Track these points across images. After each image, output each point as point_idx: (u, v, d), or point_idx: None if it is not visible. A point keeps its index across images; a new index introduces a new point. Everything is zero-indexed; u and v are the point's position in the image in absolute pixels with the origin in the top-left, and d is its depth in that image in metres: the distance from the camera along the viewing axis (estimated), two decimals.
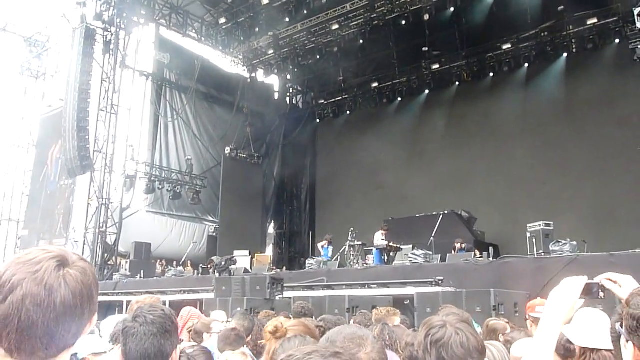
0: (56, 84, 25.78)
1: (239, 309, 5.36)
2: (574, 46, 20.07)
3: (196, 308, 8.76)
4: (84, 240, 20.74)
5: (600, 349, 2.56)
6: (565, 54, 20.32)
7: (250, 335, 5.00)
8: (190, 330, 4.92)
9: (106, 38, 21.27)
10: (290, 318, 5.16)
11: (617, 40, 18.91)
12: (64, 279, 1.27)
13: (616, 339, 1.71)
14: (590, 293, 1.89)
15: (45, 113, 26.50)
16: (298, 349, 1.27)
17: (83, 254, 20.92)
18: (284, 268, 21.52)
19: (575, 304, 1.88)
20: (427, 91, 23.90)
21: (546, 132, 19.97)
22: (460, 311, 4.46)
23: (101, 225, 20.33)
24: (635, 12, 12.11)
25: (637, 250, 9.63)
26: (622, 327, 1.66)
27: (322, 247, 18.18)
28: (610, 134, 18.47)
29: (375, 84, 25.25)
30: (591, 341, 2.63)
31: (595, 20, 19.10)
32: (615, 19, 18.69)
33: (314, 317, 5.58)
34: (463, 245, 15.71)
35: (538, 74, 20.82)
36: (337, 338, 1.84)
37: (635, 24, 12.86)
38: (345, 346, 1.78)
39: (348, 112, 26.73)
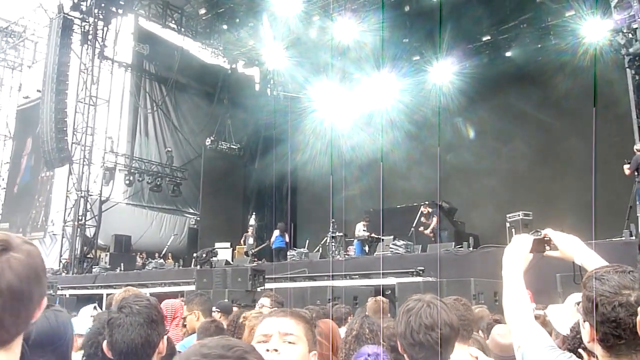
0: (33, 75, 25.42)
1: (197, 297, 5.34)
2: (552, 38, 20.23)
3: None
4: (63, 233, 20.55)
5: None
6: (543, 45, 20.44)
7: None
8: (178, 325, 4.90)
9: (84, 29, 20.98)
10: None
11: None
12: (8, 263, 1.21)
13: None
14: (538, 248, 2.19)
15: (22, 105, 26.13)
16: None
17: (62, 246, 20.76)
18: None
19: (527, 257, 2.16)
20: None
21: (524, 124, 20.14)
22: (460, 298, 4.48)
23: (80, 217, 20.13)
24: (612, 4, 12.24)
25: (613, 239, 9.82)
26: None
27: (275, 236, 18.29)
28: (589, 126, 18.64)
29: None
30: (565, 328, 2.61)
31: (572, 12, 19.25)
32: (592, 10, 18.83)
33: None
34: (430, 210, 15.99)
35: (517, 65, 20.94)
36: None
37: (612, 15, 13.00)
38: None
39: None
